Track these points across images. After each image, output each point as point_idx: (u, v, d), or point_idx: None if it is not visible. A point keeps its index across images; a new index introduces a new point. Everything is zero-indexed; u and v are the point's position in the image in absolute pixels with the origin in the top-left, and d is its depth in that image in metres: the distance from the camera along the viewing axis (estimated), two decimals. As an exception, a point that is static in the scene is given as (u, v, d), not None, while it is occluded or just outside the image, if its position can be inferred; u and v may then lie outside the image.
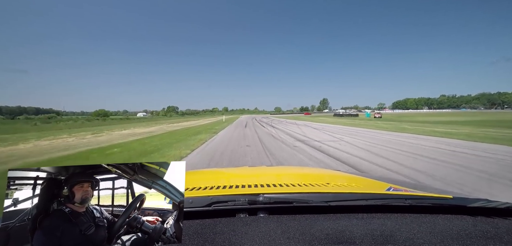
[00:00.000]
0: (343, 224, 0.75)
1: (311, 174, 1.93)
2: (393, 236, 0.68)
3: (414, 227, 0.73)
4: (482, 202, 0.86)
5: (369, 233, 0.69)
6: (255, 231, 0.71)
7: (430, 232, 0.70)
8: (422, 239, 0.67)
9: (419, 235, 0.69)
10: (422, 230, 0.71)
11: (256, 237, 0.69)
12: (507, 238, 0.67)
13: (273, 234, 0.69)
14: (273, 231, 0.70)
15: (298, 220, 0.78)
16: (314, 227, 0.73)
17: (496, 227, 0.73)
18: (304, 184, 1.16)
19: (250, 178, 1.63)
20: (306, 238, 0.67)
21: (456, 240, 0.67)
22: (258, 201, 0.86)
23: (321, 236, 0.68)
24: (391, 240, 0.66)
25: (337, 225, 0.74)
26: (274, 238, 0.67)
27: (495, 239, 0.67)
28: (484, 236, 0.68)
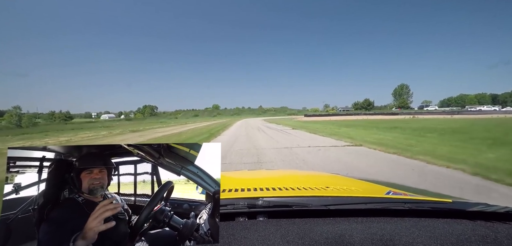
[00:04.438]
0: (342, 228, 0.75)
1: (311, 177, 1.94)
2: (392, 240, 0.69)
3: (414, 231, 0.73)
4: (482, 206, 0.87)
5: (368, 237, 0.70)
6: (254, 235, 0.71)
7: (430, 236, 0.70)
8: (422, 243, 0.68)
9: (418, 239, 0.69)
10: (421, 234, 0.72)
11: (255, 241, 0.69)
12: (506, 243, 0.67)
13: (273, 238, 0.69)
14: (273, 235, 0.70)
15: (298, 224, 0.78)
16: (313, 231, 0.73)
17: (496, 231, 0.73)
18: (303, 188, 1.16)
19: (249, 182, 1.63)
20: (305, 242, 0.68)
21: (456, 244, 0.67)
22: (257, 204, 0.86)
23: (320, 240, 0.68)
24: (391, 244, 0.67)
25: (337, 229, 0.74)
26: (273, 242, 0.67)
27: (495, 243, 0.67)
28: (483, 240, 0.68)
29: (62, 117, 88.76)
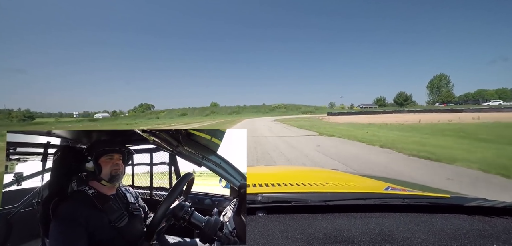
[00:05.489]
0: (341, 223, 0.77)
1: (310, 173, 1.98)
2: (391, 235, 0.70)
3: (412, 226, 0.75)
4: (480, 201, 0.88)
5: (367, 232, 0.71)
6: (253, 231, 0.71)
7: (428, 231, 0.72)
8: (420, 238, 0.69)
9: (417, 234, 0.70)
10: (420, 229, 0.73)
11: (254, 236, 0.69)
12: (504, 237, 0.69)
13: (272, 234, 0.70)
14: (272, 231, 0.71)
15: (297, 219, 0.79)
16: (312, 226, 0.75)
17: (494, 226, 0.75)
18: (302, 184, 1.19)
19: (248, 177, 1.65)
20: (304, 237, 0.69)
21: (454, 239, 0.68)
22: (256, 200, 0.85)
23: (319, 235, 0.70)
24: (389, 239, 0.68)
25: (335, 224, 0.76)
26: (272, 238, 0.68)
27: (492, 238, 0.69)
28: (481, 235, 0.70)
29: (20, 116, 74.95)
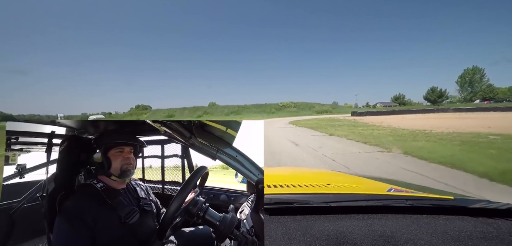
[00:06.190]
0: (343, 224, 0.77)
1: (312, 174, 1.97)
2: (394, 237, 0.70)
3: (415, 228, 0.75)
4: (484, 203, 0.88)
5: (369, 234, 0.71)
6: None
7: (431, 233, 0.71)
8: (423, 240, 0.69)
9: (420, 236, 0.70)
10: (423, 231, 0.73)
11: None
12: (508, 239, 0.68)
13: (274, 235, 0.70)
14: (274, 232, 0.71)
15: (299, 220, 0.79)
16: (314, 227, 0.75)
17: (498, 228, 0.74)
18: (304, 185, 1.19)
19: None
20: (306, 238, 0.69)
21: (457, 241, 0.68)
22: None
23: (321, 236, 0.70)
24: (392, 241, 0.68)
25: (338, 226, 0.76)
26: (274, 239, 0.68)
27: (497, 240, 0.68)
28: (485, 237, 0.69)
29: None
